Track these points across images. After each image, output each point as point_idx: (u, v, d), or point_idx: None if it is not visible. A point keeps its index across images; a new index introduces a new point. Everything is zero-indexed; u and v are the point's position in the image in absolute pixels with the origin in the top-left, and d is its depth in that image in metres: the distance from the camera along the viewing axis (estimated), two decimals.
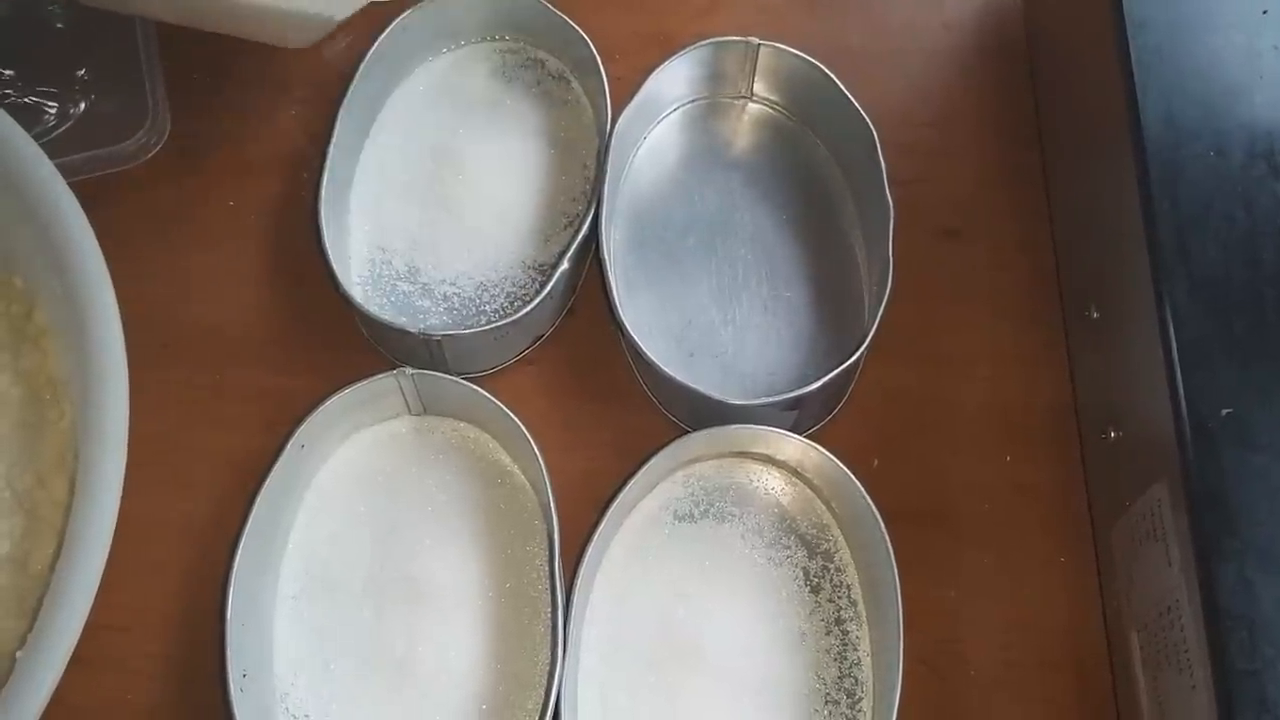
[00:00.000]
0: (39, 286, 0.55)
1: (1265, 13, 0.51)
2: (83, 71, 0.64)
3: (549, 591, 0.54)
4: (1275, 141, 0.49)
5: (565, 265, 0.58)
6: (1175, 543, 0.46)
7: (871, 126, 0.59)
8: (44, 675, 0.44)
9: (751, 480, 0.58)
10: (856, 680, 0.54)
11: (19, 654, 0.46)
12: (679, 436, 0.55)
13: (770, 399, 0.56)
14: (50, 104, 0.64)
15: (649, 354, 0.56)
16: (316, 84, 0.65)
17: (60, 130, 0.64)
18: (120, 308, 0.51)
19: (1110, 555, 0.54)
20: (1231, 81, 0.50)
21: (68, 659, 0.45)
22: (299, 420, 0.55)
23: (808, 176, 0.63)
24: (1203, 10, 0.51)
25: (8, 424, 0.53)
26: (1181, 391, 0.46)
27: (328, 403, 0.55)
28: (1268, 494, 0.44)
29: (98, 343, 0.51)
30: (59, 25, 0.65)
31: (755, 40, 0.61)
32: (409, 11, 0.63)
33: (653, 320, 0.59)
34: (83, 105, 0.64)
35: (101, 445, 0.49)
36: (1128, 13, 0.51)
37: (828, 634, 0.55)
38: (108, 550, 0.47)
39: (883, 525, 0.53)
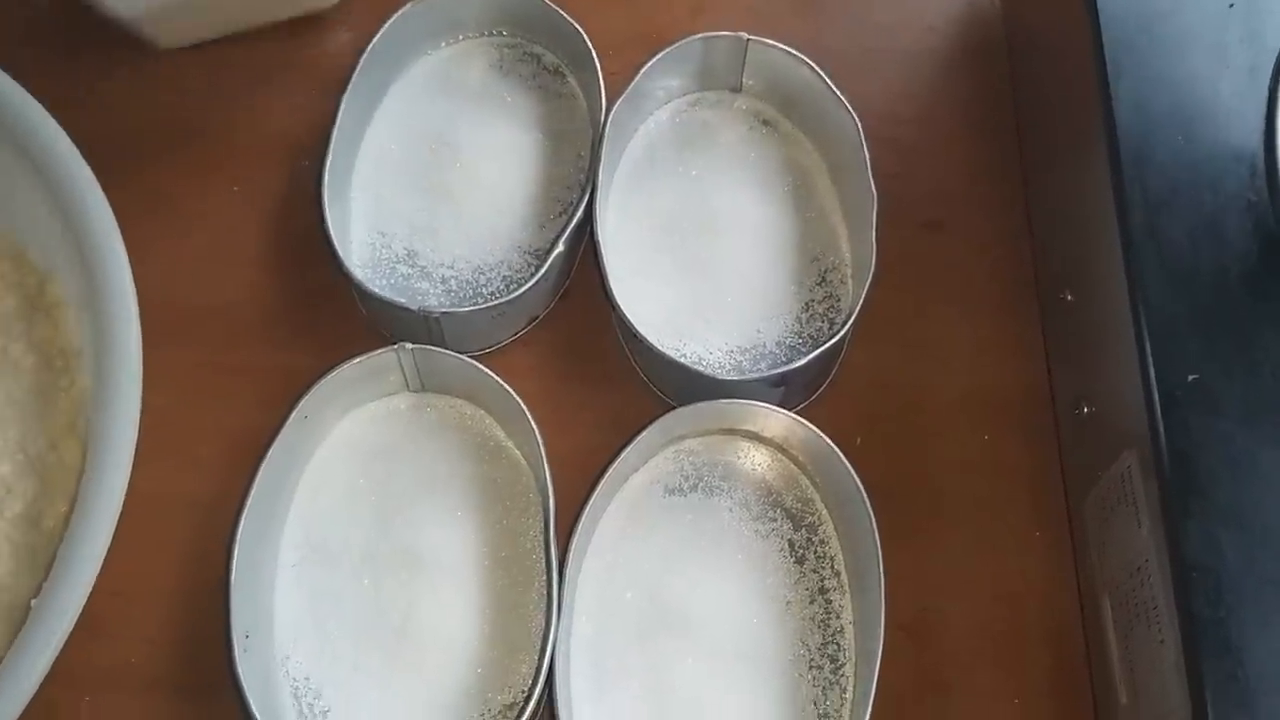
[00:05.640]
0: (54, 261, 0.56)
1: (1231, 6, 0.53)
2: None
3: (543, 562, 0.55)
4: (1239, 127, 0.51)
5: (560, 248, 0.59)
6: (1144, 506, 0.48)
7: (856, 119, 0.61)
8: (57, 621, 0.46)
9: (739, 456, 0.60)
10: (839, 646, 0.56)
11: (33, 602, 0.48)
12: (668, 410, 0.57)
13: (757, 374, 0.58)
14: None
15: (641, 331, 0.57)
16: (320, 75, 0.67)
17: None
18: None
19: (1083, 526, 0.56)
20: (1199, 71, 0.53)
21: (81, 606, 0.47)
22: (301, 393, 0.57)
23: (794, 166, 0.65)
24: (1172, 3, 0.54)
25: (22, 390, 0.54)
26: (1150, 360, 0.48)
27: (330, 375, 0.57)
28: (1231, 456, 0.46)
29: (113, 317, 0.53)
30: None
31: (745, 35, 0.63)
32: (409, 5, 0.65)
33: (644, 302, 0.61)
34: None
35: (116, 413, 0.51)
36: (1101, 7, 0.54)
37: (811, 603, 0.57)
38: (120, 505, 0.48)
39: (866, 498, 0.55)
